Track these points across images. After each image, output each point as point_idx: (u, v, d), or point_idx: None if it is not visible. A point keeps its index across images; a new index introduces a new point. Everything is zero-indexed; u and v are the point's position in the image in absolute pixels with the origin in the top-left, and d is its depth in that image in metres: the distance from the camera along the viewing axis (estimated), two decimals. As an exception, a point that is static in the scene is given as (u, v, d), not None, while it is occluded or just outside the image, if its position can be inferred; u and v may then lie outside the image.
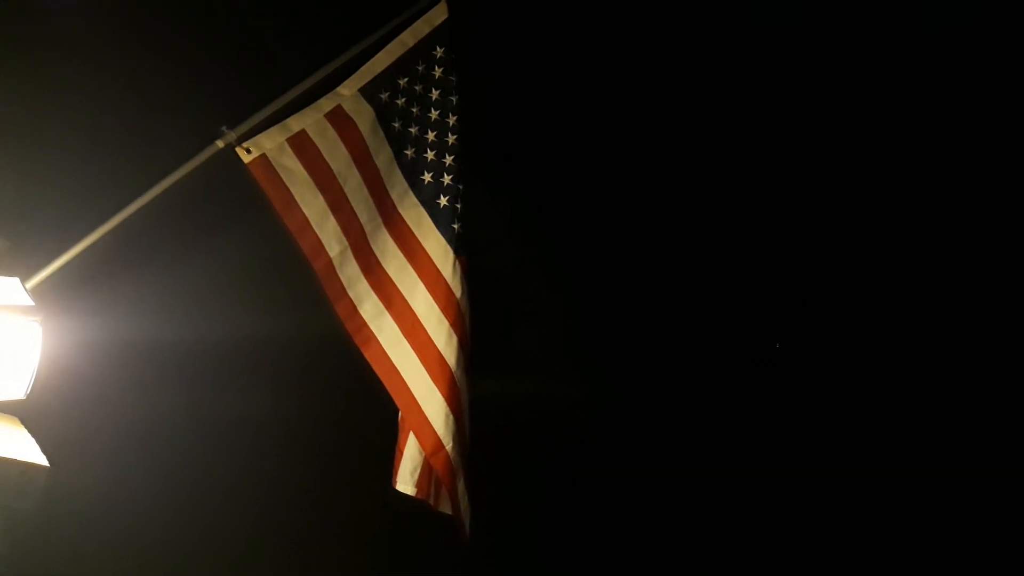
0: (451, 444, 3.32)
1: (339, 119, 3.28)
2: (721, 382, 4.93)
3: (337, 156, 3.27)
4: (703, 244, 4.88)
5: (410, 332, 3.35)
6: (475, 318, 3.60)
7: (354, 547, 4.11)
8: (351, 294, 3.31)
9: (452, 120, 3.47)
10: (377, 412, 3.50)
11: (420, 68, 3.44)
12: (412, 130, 3.45)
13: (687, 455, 4.80)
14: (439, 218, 3.43)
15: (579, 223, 4.71)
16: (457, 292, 3.40)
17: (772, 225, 4.93)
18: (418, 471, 3.36)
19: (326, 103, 3.29)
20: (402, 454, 3.39)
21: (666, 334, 4.92)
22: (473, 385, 3.57)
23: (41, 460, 2.75)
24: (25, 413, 2.84)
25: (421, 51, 3.45)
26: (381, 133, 3.38)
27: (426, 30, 3.46)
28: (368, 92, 3.34)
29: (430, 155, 3.46)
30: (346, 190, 3.28)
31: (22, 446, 2.76)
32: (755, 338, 5.03)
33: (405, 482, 3.37)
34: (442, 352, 3.34)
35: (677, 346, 4.92)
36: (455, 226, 3.43)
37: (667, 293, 4.87)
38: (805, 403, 4.90)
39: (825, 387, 4.93)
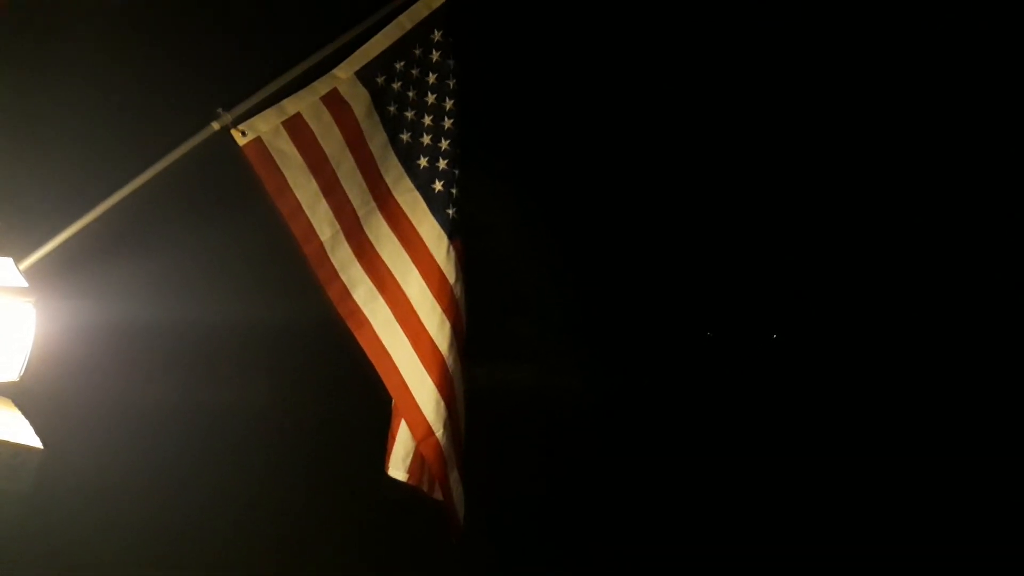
0: (441, 430, 3.31)
1: (334, 102, 3.25)
2: (718, 371, 4.93)
3: (331, 140, 3.24)
4: (700, 235, 4.87)
5: (403, 317, 3.33)
6: (472, 306, 3.58)
7: (349, 532, 4.12)
8: (343, 278, 3.28)
9: (449, 104, 3.43)
10: (372, 398, 3.49)
11: (417, 52, 3.41)
12: (408, 114, 3.42)
13: (683, 443, 4.80)
14: (434, 203, 3.40)
15: (577, 212, 4.69)
16: (451, 278, 3.38)
17: (769, 217, 4.92)
18: (410, 457, 3.35)
19: (322, 86, 3.26)
20: (395, 440, 3.38)
21: (663, 324, 4.91)
22: (469, 373, 3.55)
23: (35, 442, 2.74)
24: (18, 395, 2.84)
25: (419, 34, 3.41)
26: (376, 117, 3.34)
27: (424, 13, 3.42)
28: (364, 75, 3.30)
29: (426, 140, 3.42)
30: (339, 174, 3.26)
31: (15, 428, 2.75)
32: (751, 328, 5.03)
33: (397, 468, 3.36)
34: (434, 338, 3.32)
35: (674, 335, 4.92)
36: (450, 211, 3.40)
37: (664, 283, 4.86)
38: (800, 392, 4.91)
39: (820, 376, 4.93)
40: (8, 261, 2.83)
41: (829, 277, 5.00)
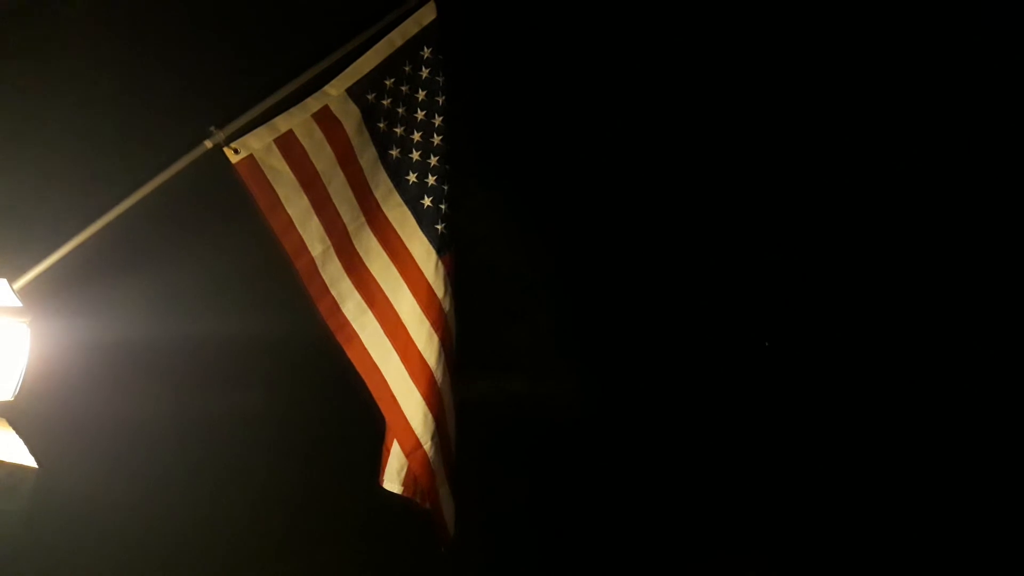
0: (429, 443, 3.34)
1: (326, 120, 3.29)
2: (711, 380, 4.93)
3: (322, 156, 3.28)
4: (692, 242, 4.88)
5: (392, 331, 3.37)
6: (468, 316, 3.60)
7: (344, 546, 4.12)
8: (333, 292, 3.32)
9: (438, 121, 3.47)
10: (367, 411, 3.50)
11: (407, 69, 3.44)
12: (397, 130, 3.45)
13: (676, 452, 4.81)
14: (422, 218, 3.44)
15: (569, 221, 4.71)
16: (439, 292, 3.41)
17: (762, 223, 4.93)
18: (405, 470, 3.37)
19: (313, 103, 3.29)
20: (389, 452, 3.41)
21: (656, 332, 4.92)
22: (462, 384, 3.58)
23: (29, 461, 2.76)
24: (13, 414, 2.85)
25: (409, 51, 3.45)
26: (366, 133, 3.38)
27: (414, 30, 3.46)
28: (355, 92, 3.34)
29: (415, 155, 3.46)
30: (330, 190, 3.30)
31: (10, 447, 2.77)
32: (745, 336, 5.03)
33: (392, 480, 3.38)
34: (423, 352, 3.36)
35: (667, 344, 4.93)
36: (439, 227, 3.44)
37: (657, 291, 4.87)
38: (795, 400, 4.91)
39: (814, 384, 4.94)
40: (2, 282, 2.85)
41: (823, 285, 5.01)
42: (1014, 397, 4.86)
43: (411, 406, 3.33)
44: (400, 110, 3.45)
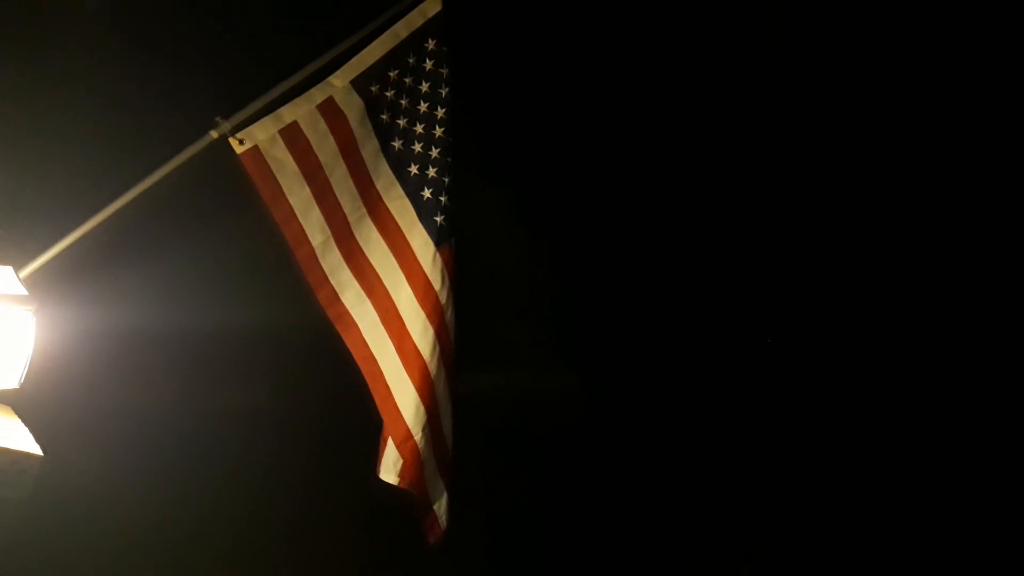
0: (419, 435, 3.35)
1: (330, 111, 3.30)
2: (712, 377, 4.94)
3: (325, 148, 3.28)
4: (695, 239, 4.89)
5: (388, 321, 3.38)
6: (468, 312, 3.60)
7: (346, 541, 4.13)
8: (333, 282, 3.33)
9: (440, 113, 3.48)
10: (372, 403, 3.50)
11: (411, 61, 3.45)
12: (400, 122, 3.46)
13: (678, 450, 4.81)
14: (422, 210, 3.44)
15: (572, 217, 4.72)
16: (436, 285, 3.41)
17: (765, 220, 4.93)
18: (401, 461, 3.38)
19: (318, 94, 3.30)
20: (386, 443, 3.41)
21: (659, 329, 4.93)
22: (463, 379, 3.58)
23: (35, 450, 2.76)
24: (19, 402, 2.86)
25: (413, 43, 3.45)
26: (369, 125, 3.39)
27: (419, 22, 3.46)
28: (359, 84, 3.35)
29: (417, 147, 3.47)
30: (332, 181, 3.31)
31: (16, 436, 2.77)
32: (747, 333, 5.03)
33: (388, 471, 3.39)
34: (417, 343, 3.36)
35: (670, 341, 4.93)
36: (438, 219, 3.44)
37: (660, 287, 4.88)
38: (797, 398, 4.91)
39: (816, 382, 4.94)
40: (8, 270, 2.85)
41: (825, 282, 5.00)
42: (1014, 396, 4.85)
43: (404, 397, 3.34)
44: (403, 102, 3.45)
